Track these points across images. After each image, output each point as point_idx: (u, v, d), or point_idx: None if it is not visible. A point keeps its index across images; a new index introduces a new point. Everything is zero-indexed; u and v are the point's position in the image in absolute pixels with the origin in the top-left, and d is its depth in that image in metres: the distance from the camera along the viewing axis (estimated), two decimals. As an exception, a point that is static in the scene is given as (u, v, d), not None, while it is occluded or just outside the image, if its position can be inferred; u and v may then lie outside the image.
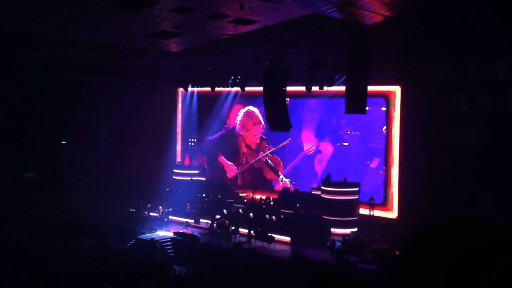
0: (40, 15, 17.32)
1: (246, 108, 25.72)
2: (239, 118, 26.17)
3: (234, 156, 26.44)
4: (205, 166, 27.36)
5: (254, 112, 25.43)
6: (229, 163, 26.44)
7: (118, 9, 16.93)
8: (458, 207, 16.99)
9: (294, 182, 24.11)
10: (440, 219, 1.87)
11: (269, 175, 25.19)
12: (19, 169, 24.33)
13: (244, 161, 26.01)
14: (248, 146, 25.81)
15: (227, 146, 26.56)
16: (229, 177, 26.29)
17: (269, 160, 25.09)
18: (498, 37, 16.77)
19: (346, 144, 22.78)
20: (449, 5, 17.19)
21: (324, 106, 23.44)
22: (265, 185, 25.03)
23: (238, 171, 26.09)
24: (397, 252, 15.88)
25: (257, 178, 25.53)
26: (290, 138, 23.96)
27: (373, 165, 21.88)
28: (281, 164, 24.78)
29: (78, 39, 20.48)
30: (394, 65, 19.79)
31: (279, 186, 24.51)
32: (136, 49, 22.39)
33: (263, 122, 24.83)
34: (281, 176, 24.59)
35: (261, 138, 25.35)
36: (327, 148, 23.49)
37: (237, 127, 26.25)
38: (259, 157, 25.29)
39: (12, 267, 15.83)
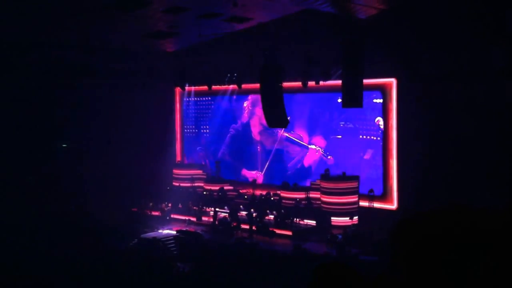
0: (33, 19, 17.41)
1: None
2: (249, 100, 25.76)
3: (249, 149, 25.92)
4: (203, 163, 27.45)
5: None
6: (253, 172, 25.85)
7: (111, 10, 17.03)
8: (457, 196, 17.15)
9: (322, 149, 23.32)
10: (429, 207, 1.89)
11: (295, 150, 24.40)
12: (19, 173, 24.46)
13: (260, 149, 25.56)
14: (265, 128, 24.85)
15: (240, 144, 26.23)
16: (258, 183, 25.45)
17: (290, 136, 24.51)
18: (492, 26, 16.88)
19: (340, 136, 22.91)
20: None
21: (317, 100, 23.48)
22: (294, 164, 24.20)
23: (263, 172, 25.42)
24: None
25: (281, 163, 24.79)
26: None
27: (367, 156, 22.06)
28: (302, 137, 24.09)
29: (73, 42, 20.60)
30: (389, 57, 19.89)
31: (309, 157, 23.74)
32: (131, 50, 22.50)
33: None
34: (309, 146, 23.71)
35: None
36: (320, 142, 23.58)
37: (247, 108, 25.70)
38: (280, 134, 24.47)
39: (14, 269, 16.01)
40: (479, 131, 18.03)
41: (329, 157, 23.07)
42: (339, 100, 20.26)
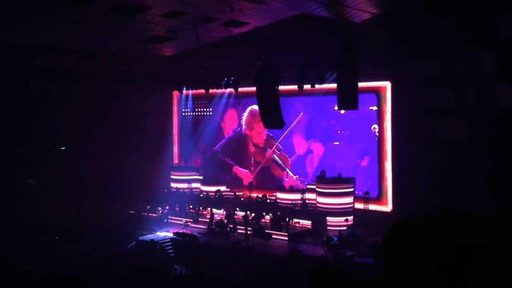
0: (35, 25, 17.60)
1: (250, 108, 25.60)
2: (244, 118, 26.19)
3: (243, 157, 26.30)
4: (199, 167, 27.59)
5: (257, 110, 24.95)
6: (244, 171, 26.24)
7: (111, 16, 17.20)
8: (451, 199, 17.33)
9: (301, 179, 23.95)
10: (421, 212, 1.94)
11: (277, 172, 25.02)
12: (19, 176, 24.62)
13: (253, 161, 25.99)
14: (256, 145, 25.74)
15: (236, 148, 26.53)
16: (246, 184, 25.82)
17: (276, 157, 25.00)
18: (484, 31, 17.11)
19: (337, 143, 23.10)
20: (433, 1, 17.53)
21: (314, 106, 23.73)
22: (274, 183, 24.76)
23: (253, 176, 25.84)
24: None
25: (267, 177, 25.40)
26: (302, 113, 23.93)
27: (364, 163, 22.24)
28: (289, 161, 24.66)
29: (73, 47, 20.78)
30: (383, 61, 20.12)
31: (286, 183, 24.29)
32: (130, 54, 22.68)
33: None
34: (288, 173, 24.47)
35: (268, 136, 25.34)
36: (318, 148, 23.83)
37: (243, 128, 26.28)
38: (267, 156, 25.18)
39: (14, 272, 16.14)
40: (471, 134, 18.24)
41: (306, 184, 23.26)
42: (336, 108, 20.51)
